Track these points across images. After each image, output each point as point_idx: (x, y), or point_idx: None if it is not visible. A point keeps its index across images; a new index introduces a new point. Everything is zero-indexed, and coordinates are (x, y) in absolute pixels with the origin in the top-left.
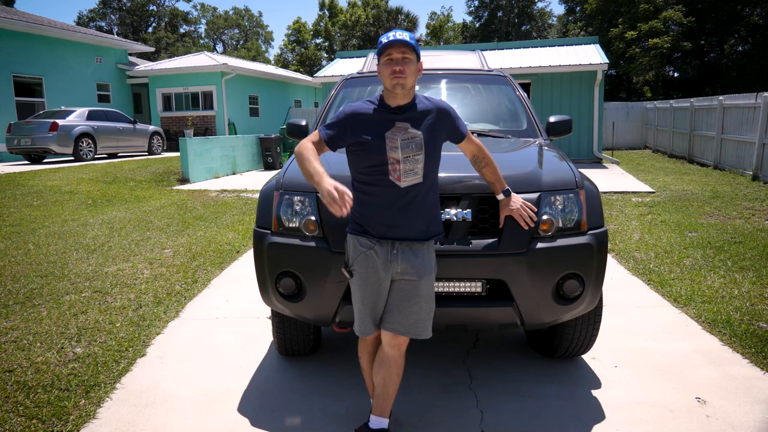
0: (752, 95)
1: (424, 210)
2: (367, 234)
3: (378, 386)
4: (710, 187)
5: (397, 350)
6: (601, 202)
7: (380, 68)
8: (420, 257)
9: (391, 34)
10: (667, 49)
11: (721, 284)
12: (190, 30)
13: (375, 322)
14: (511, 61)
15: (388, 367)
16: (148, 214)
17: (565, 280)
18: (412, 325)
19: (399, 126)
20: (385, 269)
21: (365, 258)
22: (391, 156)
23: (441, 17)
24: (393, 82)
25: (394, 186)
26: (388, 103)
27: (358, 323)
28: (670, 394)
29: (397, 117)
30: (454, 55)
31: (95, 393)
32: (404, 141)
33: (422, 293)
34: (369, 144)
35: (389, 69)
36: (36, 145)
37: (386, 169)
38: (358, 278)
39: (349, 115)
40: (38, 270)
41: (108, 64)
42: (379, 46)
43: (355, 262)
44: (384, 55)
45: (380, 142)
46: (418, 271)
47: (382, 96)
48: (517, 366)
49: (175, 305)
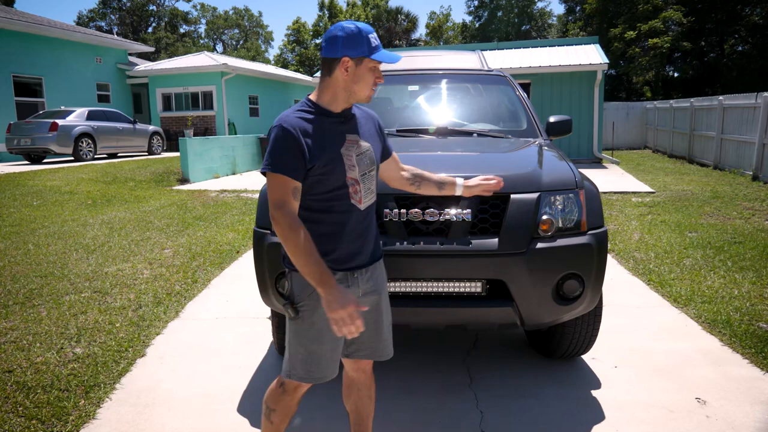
0: (752, 95)
1: (373, 229)
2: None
3: (352, 413)
4: (710, 187)
5: (363, 373)
6: (601, 202)
7: (361, 70)
8: (377, 271)
9: (375, 36)
10: (667, 49)
11: (721, 284)
12: (190, 30)
13: (336, 362)
14: (511, 61)
15: (357, 390)
16: (148, 214)
17: (564, 280)
18: (380, 347)
19: (350, 139)
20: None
21: None
22: (350, 176)
23: (440, 17)
24: (371, 94)
25: (355, 210)
26: (330, 109)
27: (314, 369)
28: (670, 394)
29: (343, 127)
30: (454, 55)
31: (95, 393)
32: (359, 157)
33: (384, 309)
34: (329, 167)
35: (373, 77)
36: (36, 145)
37: (347, 192)
38: (315, 318)
39: (295, 134)
40: (38, 270)
41: (108, 64)
42: (367, 44)
43: (308, 299)
44: (375, 61)
45: (339, 161)
46: (378, 286)
47: (321, 102)
48: (517, 366)
49: (175, 305)
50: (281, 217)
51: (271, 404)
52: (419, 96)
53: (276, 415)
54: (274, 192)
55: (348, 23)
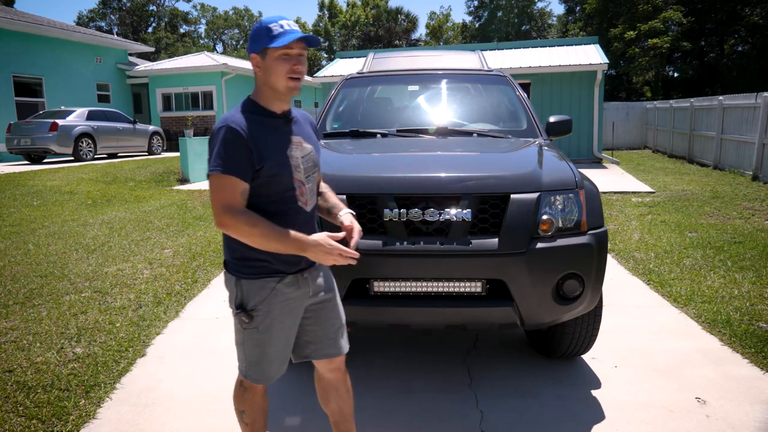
0: (752, 95)
1: (317, 231)
2: (277, 272)
3: (334, 414)
4: (710, 187)
5: (338, 372)
6: (601, 202)
7: (269, 62)
8: (323, 270)
9: (285, 23)
10: (666, 49)
11: (721, 284)
12: (190, 30)
13: (286, 361)
14: (511, 61)
15: (335, 390)
16: (148, 214)
17: (564, 280)
18: (340, 340)
19: (294, 141)
20: (301, 300)
21: (280, 299)
22: (297, 178)
23: (440, 17)
24: (291, 85)
25: (302, 211)
26: (272, 109)
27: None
28: (670, 394)
29: (287, 128)
30: (454, 55)
31: (95, 393)
32: (304, 158)
33: (337, 304)
34: (276, 168)
35: (287, 66)
36: (36, 145)
37: (294, 195)
38: (269, 322)
39: (244, 134)
40: (38, 270)
41: (108, 64)
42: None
43: (262, 305)
44: (281, 48)
45: (286, 164)
46: (328, 283)
47: (260, 101)
48: (517, 366)
49: (175, 305)
50: (235, 220)
51: (239, 406)
52: (419, 96)
53: (248, 415)
54: (221, 195)
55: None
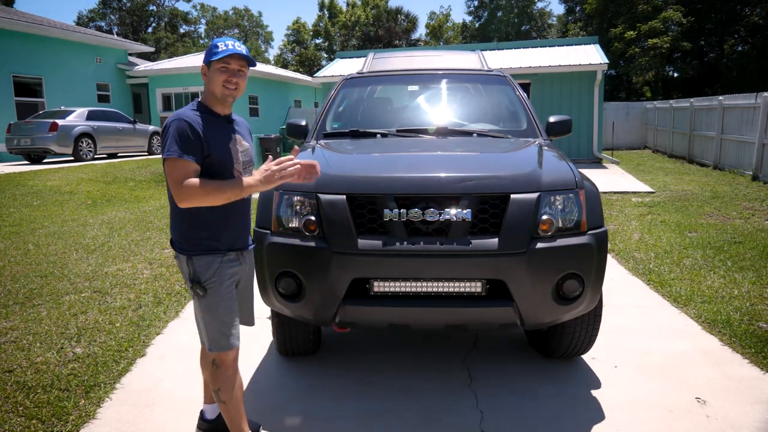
0: (752, 95)
1: (249, 218)
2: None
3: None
4: (710, 187)
5: None
6: (601, 202)
7: (212, 72)
8: (249, 253)
9: (230, 43)
10: (666, 49)
11: (720, 284)
12: (190, 30)
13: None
14: (510, 61)
15: None
16: (148, 214)
17: (564, 280)
18: (251, 313)
19: (235, 137)
20: (240, 275)
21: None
22: (236, 168)
23: (440, 17)
24: (225, 93)
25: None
26: (216, 111)
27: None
28: (670, 394)
29: (229, 127)
30: (453, 55)
31: (95, 393)
32: (242, 153)
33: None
34: (220, 158)
35: (224, 77)
36: (36, 145)
37: None
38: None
39: (195, 126)
40: (38, 270)
41: (108, 64)
42: (214, 50)
43: (214, 277)
44: (220, 62)
45: (228, 155)
46: (251, 265)
47: (206, 103)
48: (517, 366)
49: (175, 305)
50: (192, 189)
51: (214, 385)
52: (419, 96)
53: (224, 392)
54: (177, 174)
55: None
